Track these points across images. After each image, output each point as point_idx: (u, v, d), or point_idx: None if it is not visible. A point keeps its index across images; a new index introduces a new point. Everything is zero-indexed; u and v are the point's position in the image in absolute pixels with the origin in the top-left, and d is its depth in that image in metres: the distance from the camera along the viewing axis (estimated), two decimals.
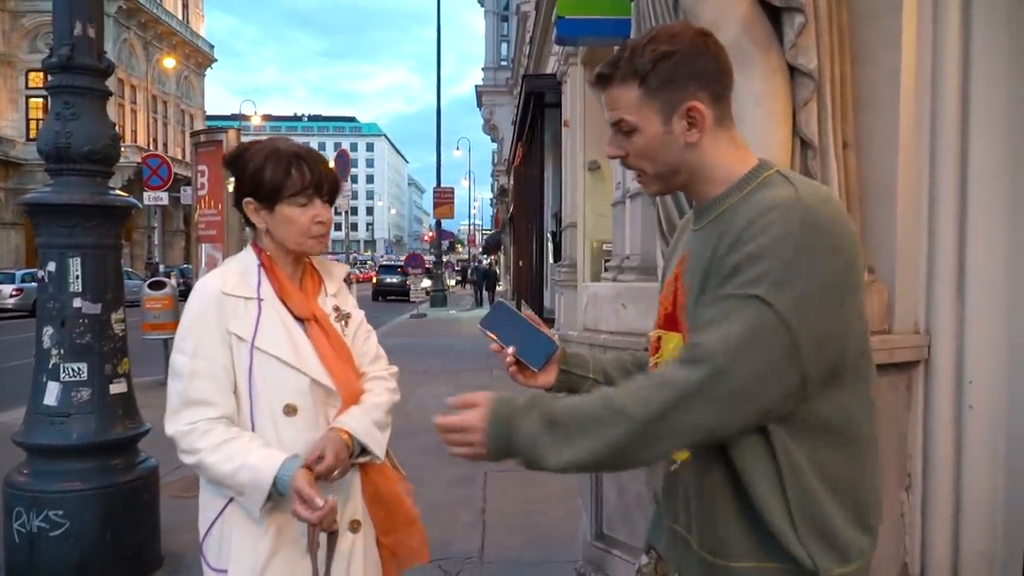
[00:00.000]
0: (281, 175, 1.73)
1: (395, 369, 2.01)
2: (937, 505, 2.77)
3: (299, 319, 1.79)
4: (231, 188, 1.83)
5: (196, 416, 1.67)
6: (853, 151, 2.72)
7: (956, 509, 2.75)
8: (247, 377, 1.70)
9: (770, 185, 1.28)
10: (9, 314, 22.89)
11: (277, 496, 1.64)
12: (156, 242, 41.62)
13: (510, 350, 1.51)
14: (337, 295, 1.92)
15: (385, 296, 35.34)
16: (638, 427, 1.18)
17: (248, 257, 1.82)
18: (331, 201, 1.83)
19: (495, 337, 1.52)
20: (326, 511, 1.59)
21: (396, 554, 1.91)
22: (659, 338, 1.45)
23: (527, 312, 1.59)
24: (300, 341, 1.76)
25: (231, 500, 1.70)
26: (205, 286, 1.75)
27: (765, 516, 1.22)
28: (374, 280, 38.89)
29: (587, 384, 1.56)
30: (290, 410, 1.72)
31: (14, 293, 23.40)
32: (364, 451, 1.78)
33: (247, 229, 1.85)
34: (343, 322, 1.88)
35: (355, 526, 1.80)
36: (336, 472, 1.69)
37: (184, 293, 13.65)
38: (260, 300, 1.75)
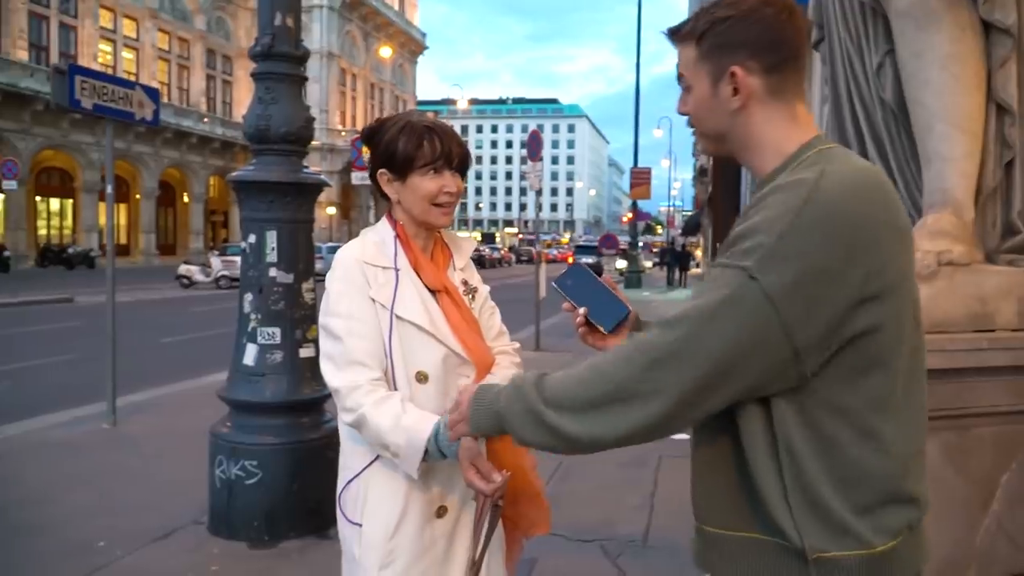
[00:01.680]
0: (413, 146, 1.79)
1: (518, 344, 2.04)
2: None
3: (431, 290, 1.84)
4: (367, 160, 1.91)
5: (360, 375, 1.73)
6: None
7: None
8: (388, 343, 1.77)
9: (805, 165, 1.24)
10: (235, 283, 25.43)
11: (435, 456, 1.69)
12: (371, 220, 44.57)
13: (582, 311, 1.52)
14: (465, 269, 1.96)
15: None
16: (618, 387, 1.20)
17: (384, 229, 1.89)
18: (462, 173, 1.86)
19: (568, 297, 1.53)
20: (500, 484, 1.63)
21: (518, 525, 1.93)
22: None
23: (606, 276, 1.57)
24: (434, 311, 1.82)
25: (376, 459, 1.77)
26: (346, 255, 1.82)
27: (761, 491, 1.21)
28: (570, 260, 39.31)
29: None
30: (422, 377, 1.77)
31: None
32: None
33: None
34: (470, 296, 1.92)
35: None
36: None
37: None
38: (397, 270, 1.81)
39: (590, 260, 36.10)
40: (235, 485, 4.01)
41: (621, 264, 30.91)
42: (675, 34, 1.37)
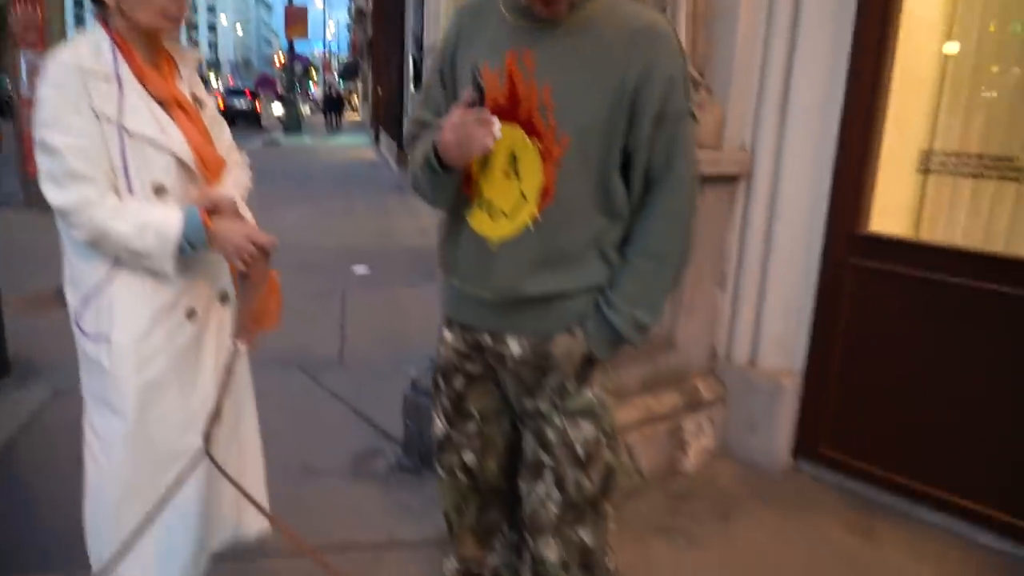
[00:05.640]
0: None
1: (247, 158, 2.03)
2: (745, 300, 3.17)
3: (159, 102, 1.75)
4: None
5: (87, 189, 1.62)
6: None
7: (759, 303, 3.16)
8: (121, 158, 1.66)
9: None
10: None
11: (187, 251, 1.67)
12: None
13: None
14: (191, 80, 1.88)
15: (232, 121, 33.36)
16: (683, 256, 1.67)
17: (98, 34, 1.71)
18: None
19: None
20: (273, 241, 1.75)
21: (260, 321, 1.95)
22: None
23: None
24: (165, 122, 1.73)
25: (113, 267, 1.70)
26: (61, 59, 1.65)
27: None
28: (221, 105, 36.57)
29: None
30: (160, 190, 1.71)
31: None
32: None
33: (94, 7, 1.73)
34: (199, 107, 1.86)
35: (224, 297, 1.88)
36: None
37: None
38: (120, 78, 1.68)
39: (244, 104, 34.00)
40: None
41: (279, 110, 29.62)
42: None
